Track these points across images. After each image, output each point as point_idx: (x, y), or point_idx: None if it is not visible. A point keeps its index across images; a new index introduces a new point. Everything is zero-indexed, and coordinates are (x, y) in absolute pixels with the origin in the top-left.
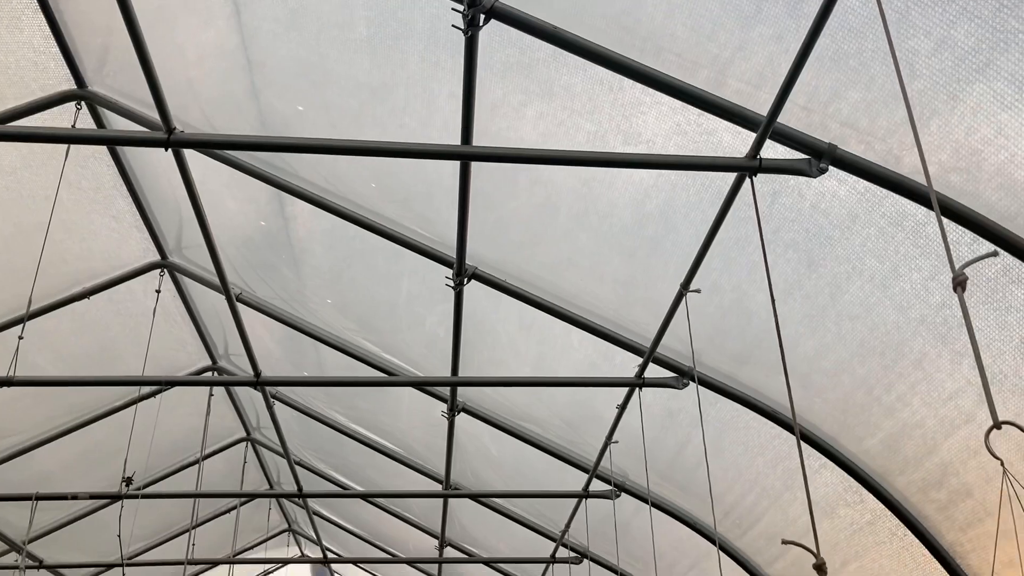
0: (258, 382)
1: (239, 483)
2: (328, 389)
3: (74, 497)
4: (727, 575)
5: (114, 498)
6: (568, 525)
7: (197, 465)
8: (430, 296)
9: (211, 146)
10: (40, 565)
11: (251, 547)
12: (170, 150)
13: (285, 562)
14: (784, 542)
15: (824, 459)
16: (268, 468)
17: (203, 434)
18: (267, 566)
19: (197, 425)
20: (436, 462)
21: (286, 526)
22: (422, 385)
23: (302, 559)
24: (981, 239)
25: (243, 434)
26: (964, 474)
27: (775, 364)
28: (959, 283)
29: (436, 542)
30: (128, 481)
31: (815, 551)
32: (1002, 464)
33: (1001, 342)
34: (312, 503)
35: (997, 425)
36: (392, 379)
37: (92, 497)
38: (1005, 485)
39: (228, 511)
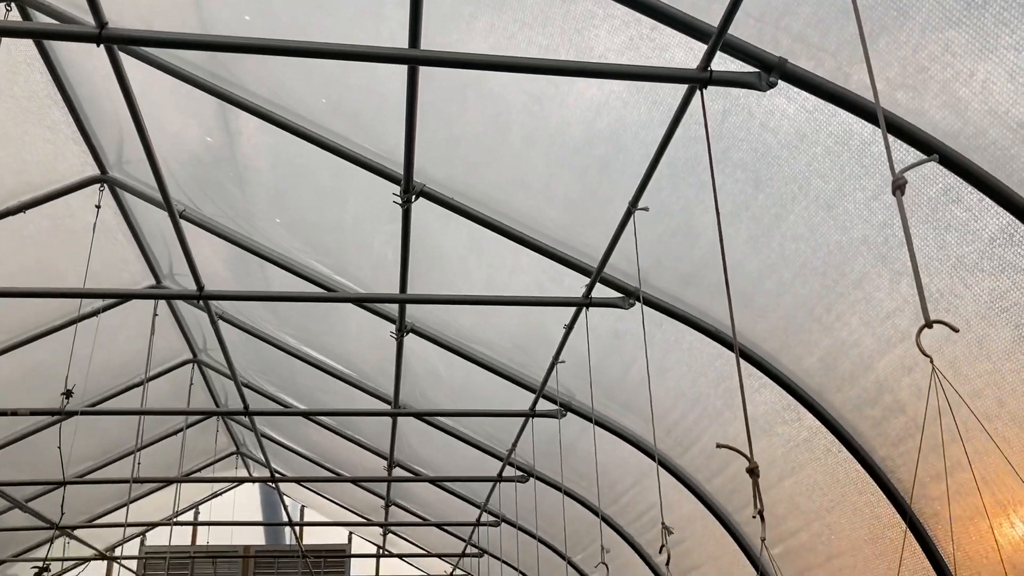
0: (200, 296)
1: (185, 405)
2: (277, 311)
3: (14, 413)
4: (667, 491)
5: (55, 414)
6: (515, 444)
7: (142, 387)
8: (377, 216)
9: (148, 43)
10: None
11: (199, 469)
12: (104, 47)
13: (232, 480)
14: (719, 446)
15: (764, 378)
16: (215, 390)
17: (148, 353)
18: (216, 487)
19: (141, 347)
20: (386, 384)
21: (234, 449)
22: (368, 301)
23: (250, 478)
24: (925, 156)
25: (189, 355)
26: (898, 391)
27: (720, 285)
28: (898, 186)
29: (385, 463)
30: (68, 394)
31: (749, 455)
32: (931, 361)
33: (939, 261)
34: (261, 426)
35: (928, 324)
36: (336, 295)
37: (32, 413)
38: (933, 381)
39: (174, 433)
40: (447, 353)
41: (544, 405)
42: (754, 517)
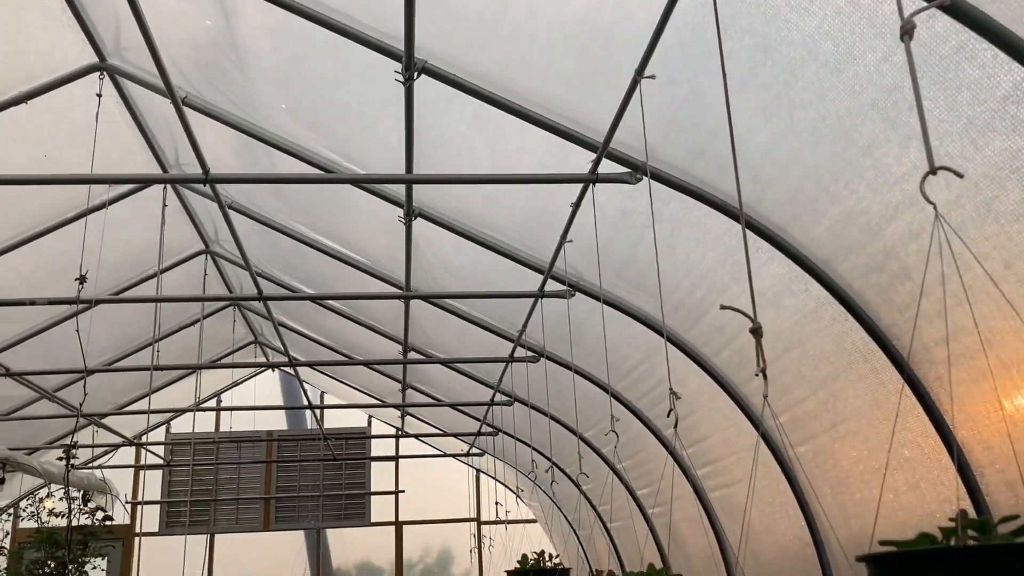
0: (206, 179)
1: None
2: (288, 200)
3: (32, 303)
4: (676, 366)
5: (72, 302)
6: (525, 326)
7: (156, 278)
8: (383, 97)
9: None
10: (7, 373)
11: (218, 359)
12: None
13: (251, 365)
14: (722, 307)
15: (772, 251)
16: (230, 281)
17: (160, 242)
18: (236, 376)
19: (153, 240)
20: (397, 271)
21: (252, 338)
22: (373, 182)
23: (268, 364)
24: (939, 12)
25: (201, 247)
26: (904, 257)
27: (728, 157)
28: (907, 32)
29: (400, 348)
30: (82, 279)
31: (752, 316)
32: (935, 208)
33: (949, 123)
34: (277, 315)
35: (933, 171)
36: (342, 175)
37: (50, 303)
38: (936, 229)
39: (192, 324)
40: (456, 239)
41: (553, 286)
42: (757, 375)
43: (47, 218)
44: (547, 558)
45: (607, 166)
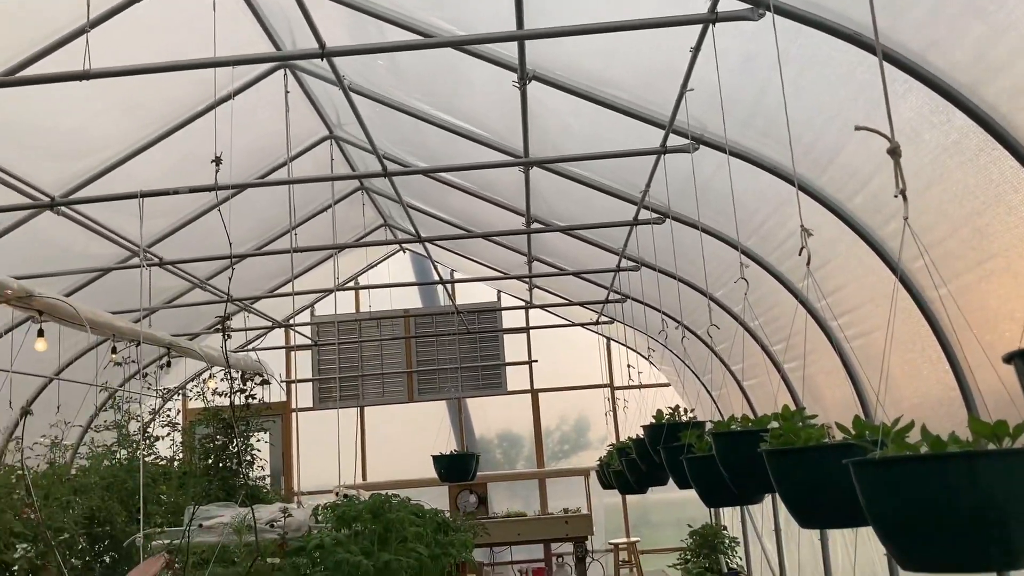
0: (324, 54)
1: (329, 183)
2: (404, 77)
3: (175, 192)
4: (808, 216)
5: (211, 189)
6: (648, 186)
7: (286, 166)
8: None
9: None
10: (160, 263)
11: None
12: None
13: (383, 243)
14: (857, 128)
15: (909, 82)
16: (355, 164)
17: (286, 127)
18: (371, 259)
19: (279, 129)
20: (516, 142)
21: (382, 221)
22: (485, 42)
23: (397, 240)
24: None
25: (325, 132)
26: None
27: None
28: None
29: (523, 219)
30: (217, 161)
31: (889, 135)
32: None
33: None
34: (405, 197)
35: None
36: (452, 39)
37: (191, 190)
38: None
39: (324, 210)
40: (573, 102)
41: (676, 141)
42: (896, 196)
43: (179, 114)
44: (681, 412)
45: (727, 3)
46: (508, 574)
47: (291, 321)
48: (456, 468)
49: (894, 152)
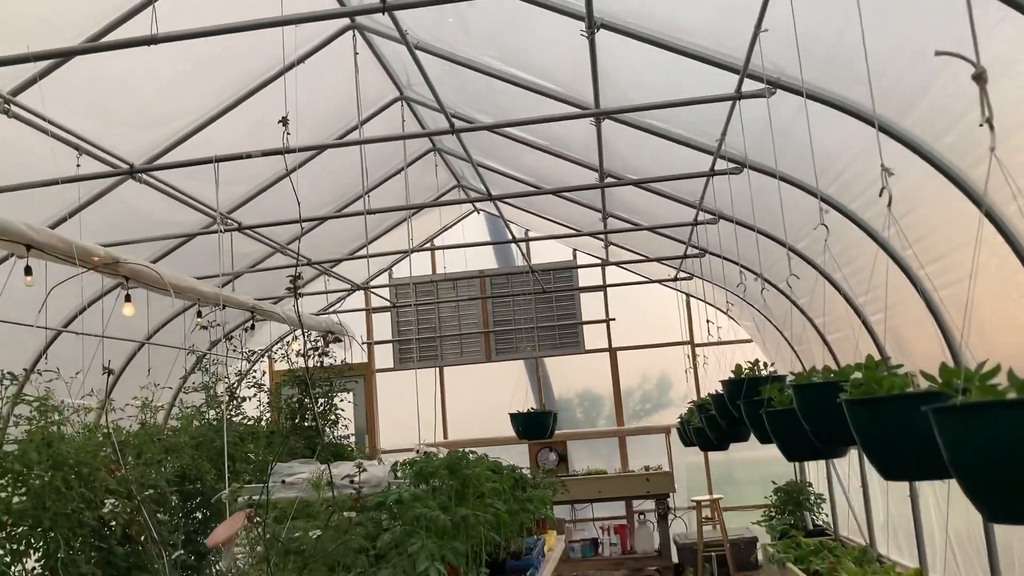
0: (384, 8)
1: (400, 144)
2: (471, 30)
3: (248, 156)
4: (893, 161)
5: (282, 152)
6: (724, 134)
7: (357, 130)
8: None
9: None
10: (240, 227)
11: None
12: None
13: (453, 203)
14: (938, 53)
15: (1003, 11)
16: (426, 125)
17: (355, 88)
18: (446, 221)
19: (349, 91)
20: (587, 94)
21: (455, 183)
22: None
23: (470, 200)
24: None
25: (396, 94)
26: None
27: None
28: None
29: (596, 174)
30: (284, 121)
31: (974, 60)
32: None
33: None
34: (475, 156)
35: None
36: None
37: (264, 154)
38: None
39: (396, 173)
40: (644, 50)
41: (751, 87)
42: (981, 126)
43: (253, 79)
44: (761, 366)
45: None
46: (589, 530)
47: (369, 284)
48: (533, 425)
49: (979, 78)
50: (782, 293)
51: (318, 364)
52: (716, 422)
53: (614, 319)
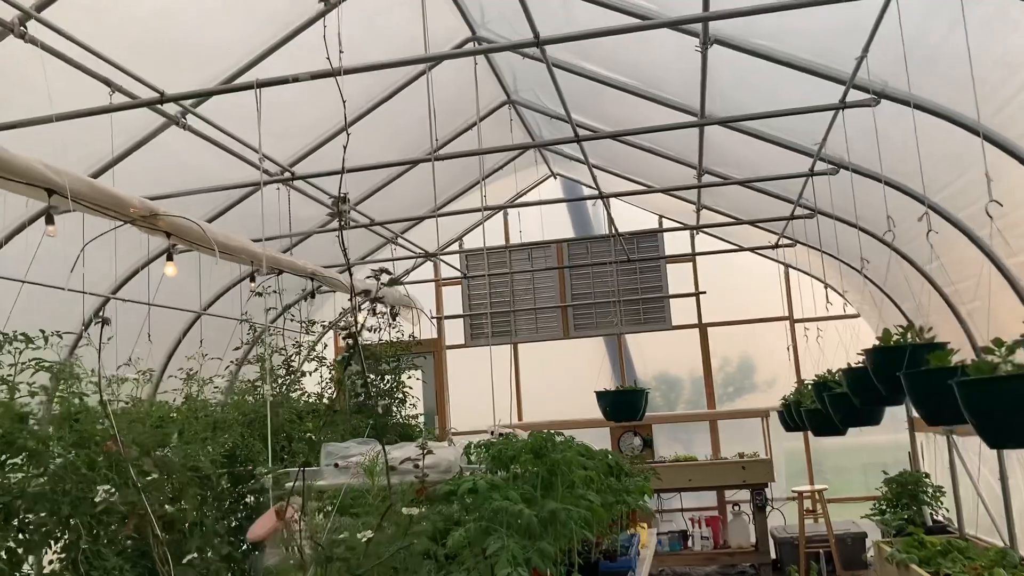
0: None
1: (471, 97)
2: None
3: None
4: (1001, 175)
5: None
6: (824, 139)
7: (474, 128)
8: None
9: None
10: (372, 223)
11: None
12: None
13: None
14: None
15: None
16: (531, 127)
17: (475, 96)
18: (519, 188)
19: (466, 96)
20: (692, 100)
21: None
22: (679, 24)
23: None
24: None
25: (504, 98)
26: None
27: None
28: None
29: (695, 172)
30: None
31: None
32: None
33: None
34: (577, 154)
35: None
36: (652, 22)
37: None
38: None
39: (503, 166)
40: (753, 63)
41: (855, 96)
42: None
43: (382, 89)
44: (918, 331)
45: None
46: (677, 522)
47: (439, 253)
48: (623, 405)
49: None
50: (911, 264)
51: (384, 336)
52: (845, 401)
53: (704, 292)
